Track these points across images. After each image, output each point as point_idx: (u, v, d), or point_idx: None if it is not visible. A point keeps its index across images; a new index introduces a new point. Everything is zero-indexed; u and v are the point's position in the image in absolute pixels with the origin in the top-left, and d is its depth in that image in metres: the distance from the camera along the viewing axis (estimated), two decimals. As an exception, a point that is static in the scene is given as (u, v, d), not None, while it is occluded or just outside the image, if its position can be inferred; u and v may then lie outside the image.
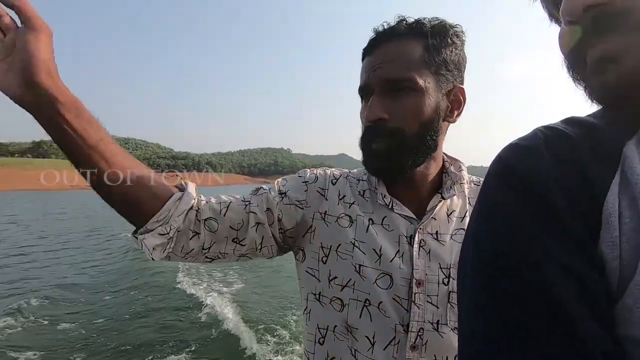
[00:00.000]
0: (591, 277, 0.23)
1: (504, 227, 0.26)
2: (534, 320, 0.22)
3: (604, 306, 0.22)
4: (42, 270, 7.47)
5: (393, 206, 0.63)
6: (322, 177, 0.69)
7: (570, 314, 0.22)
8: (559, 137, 0.28)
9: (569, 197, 0.25)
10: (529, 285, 0.23)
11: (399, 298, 0.58)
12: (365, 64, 0.61)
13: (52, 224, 15.64)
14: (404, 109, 0.58)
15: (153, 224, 0.56)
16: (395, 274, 0.59)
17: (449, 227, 0.63)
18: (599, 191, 0.24)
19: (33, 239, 11.26)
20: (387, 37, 0.59)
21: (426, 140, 0.60)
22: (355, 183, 0.68)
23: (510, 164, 0.28)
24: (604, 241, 0.23)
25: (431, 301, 0.58)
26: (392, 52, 0.58)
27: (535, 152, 0.27)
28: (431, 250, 0.60)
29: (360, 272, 0.60)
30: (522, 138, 0.29)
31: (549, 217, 0.24)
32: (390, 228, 0.62)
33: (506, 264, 0.24)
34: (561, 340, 0.21)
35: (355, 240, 0.62)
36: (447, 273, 0.60)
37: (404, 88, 0.57)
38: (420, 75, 0.57)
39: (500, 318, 0.23)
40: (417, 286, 0.58)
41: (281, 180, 0.69)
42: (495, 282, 0.25)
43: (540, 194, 0.25)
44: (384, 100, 0.58)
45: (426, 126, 0.59)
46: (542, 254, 0.23)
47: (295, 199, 0.65)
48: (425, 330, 0.58)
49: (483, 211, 0.28)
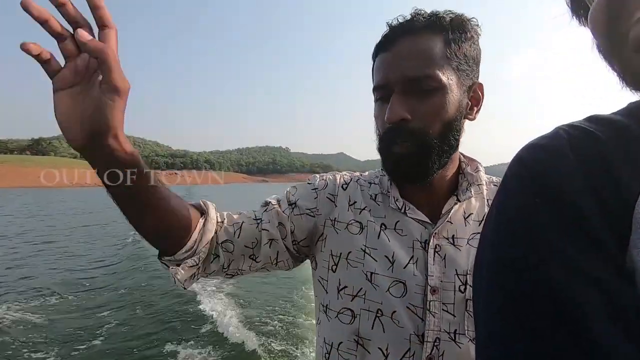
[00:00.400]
0: (618, 285, 0.22)
1: (522, 230, 0.25)
2: (555, 332, 0.21)
3: (632, 317, 0.21)
4: (43, 266, 7.44)
5: (406, 210, 0.61)
6: (332, 182, 0.67)
7: (592, 325, 0.21)
8: (585, 136, 0.26)
9: (596, 201, 0.23)
10: (550, 295, 0.22)
11: (413, 307, 0.56)
12: (382, 61, 0.57)
13: (54, 219, 15.57)
14: (428, 109, 0.54)
15: (182, 254, 0.55)
16: (409, 282, 0.57)
17: (466, 231, 0.60)
18: (630, 194, 0.23)
19: (34, 236, 11.21)
20: (405, 32, 0.55)
21: (450, 140, 0.57)
22: (366, 187, 0.66)
23: (530, 165, 0.26)
24: (635, 246, 0.22)
25: (447, 309, 0.55)
26: (412, 48, 0.55)
27: (559, 153, 0.25)
28: (447, 255, 0.58)
29: (372, 281, 0.58)
30: (543, 137, 0.27)
31: (571, 222, 0.23)
32: (404, 233, 0.60)
33: (524, 267, 0.24)
34: (581, 348, 0.20)
35: (366, 246, 0.60)
36: (464, 280, 0.56)
37: (426, 86, 0.54)
38: (443, 71, 0.54)
39: (518, 321, 0.23)
40: (432, 294, 0.56)
41: (291, 189, 0.68)
42: (513, 285, 0.24)
43: (563, 197, 0.24)
44: (406, 100, 0.54)
45: (450, 126, 0.56)
46: (566, 264, 0.22)
47: (306, 207, 0.64)
48: (442, 340, 0.55)
49: (501, 214, 0.27)
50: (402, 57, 0.55)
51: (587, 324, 0.21)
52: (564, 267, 0.22)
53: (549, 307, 0.22)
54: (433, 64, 0.54)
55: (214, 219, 0.59)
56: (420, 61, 0.54)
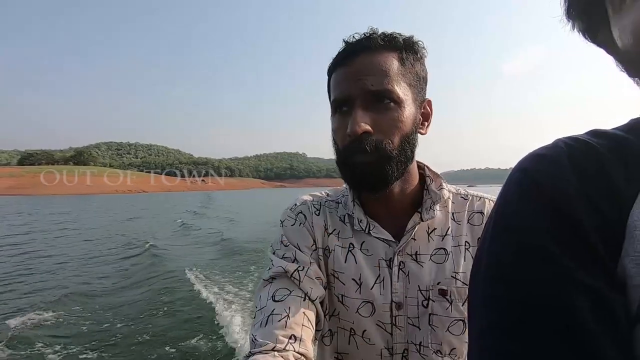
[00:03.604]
0: (609, 294, 0.22)
1: (517, 237, 0.25)
2: (548, 340, 0.21)
3: (623, 325, 0.21)
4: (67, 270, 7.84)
5: (370, 230, 0.62)
6: (307, 212, 0.66)
7: (587, 337, 0.21)
8: (583, 147, 0.26)
9: (591, 209, 0.23)
10: (542, 302, 0.22)
11: (382, 323, 0.59)
12: (341, 75, 0.59)
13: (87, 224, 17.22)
14: (388, 122, 0.56)
15: None
16: (376, 301, 0.59)
17: (429, 247, 0.62)
18: (626, 203, 0.23)
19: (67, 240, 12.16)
20: (364, 48, 0.57)
21: (407, 152, 0.59)
22: (334, 208, 0.68)
23: (528, 173, 0.27)
24: (628, 255, 0.22)
25: (412, 323, 0.59)
26: (372, 64, 0.56)
27: (557, 162, 0.26)
28: (410, 272, 0.60)
29: (343, 302, 0.61)
30: (544, 147, 0.28)
31: (565, 229, 0.23)
32: (370, 252, 0.62)
33: (520, 278, 0.24)
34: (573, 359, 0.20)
35: (334, 271, 0.62)
36: (427, 295, 0.59)
37: (386, 100, 0.56)
38: (400, 87, 0.57)
39: (509, 326, 0.23)
40: (396, 309, 0.59)
41: (280, 244, 0.62)
42: (506, 291, 0.24)
43: (558, 205, 0.24)
44: (367, 113, 0.56)
45: (407, 138, 0.58)
46: (558, 271, 0.22)
47: (305, 246, 0.62)
48: (410, 351, 0.59)
49: (498, 220, 0.27)
50: (363, 72, 0.56)
51: (578, 332, 0.21)
52: (556, 274, 0.22)
53: (540, 312, 0.22)
54: (391, 79, 0.56)
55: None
56: (380, 76, 0.56)
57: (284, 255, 0.60)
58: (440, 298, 0.59)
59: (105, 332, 4.60)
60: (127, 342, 4.30)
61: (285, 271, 0.57)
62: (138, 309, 5.35)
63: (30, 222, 18.76)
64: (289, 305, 0.53)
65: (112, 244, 11.46)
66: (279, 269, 0.57)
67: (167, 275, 7.20)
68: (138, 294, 6.16)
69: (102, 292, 6.32)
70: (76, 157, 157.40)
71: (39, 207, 32.53)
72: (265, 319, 0.51)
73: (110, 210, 28.87)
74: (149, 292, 6.21)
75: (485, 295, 0.25)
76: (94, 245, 11.45)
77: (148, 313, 5.17)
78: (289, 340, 0.49)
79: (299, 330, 0.50)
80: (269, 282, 0.57)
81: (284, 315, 0.51)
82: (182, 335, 4.40)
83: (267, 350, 0.46)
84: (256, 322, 0.52)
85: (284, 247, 0.62)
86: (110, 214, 25.64)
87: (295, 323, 0.51)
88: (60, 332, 4.61)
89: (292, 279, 0.56)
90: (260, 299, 0.55)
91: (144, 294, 6.08)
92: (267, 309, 0.53)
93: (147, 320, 4.94)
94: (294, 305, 0.53)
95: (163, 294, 6.00)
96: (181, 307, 5.34)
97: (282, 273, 0.57)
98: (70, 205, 35.94)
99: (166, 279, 6.95)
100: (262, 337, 0.48)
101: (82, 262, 8.91)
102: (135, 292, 6.30)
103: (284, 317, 0.51)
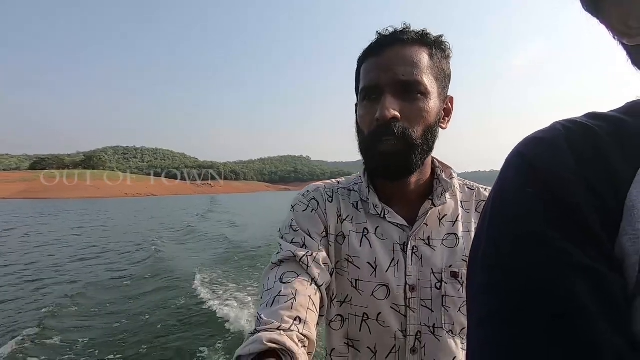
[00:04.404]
0: (608, 274, 0.22)
1: (514, 220, 0.25)
2: (548, 326, 0.21)
3: (622, 305, 0.21)
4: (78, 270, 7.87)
5: (385, 215, 0.65)
6: (320, 198, 0.68)
7: (587, 320, 0.21)
8: (581, 129, 0.26)
9: (588, 191, 0.24)
10: (541, 287, 0.22)
11: (396, 306, 0.61)
12: (373, 64, 0.61)
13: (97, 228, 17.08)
14: (414, 111, 0.59)
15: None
16: (391, 284, 0.61)
17: (441, 232, 0.64)
18: (623, 184, 0.23)
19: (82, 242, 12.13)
20: (396, 40, 0.60)
21: (429, 142, 0.62)
22: (346, 195, 0.70)
23: (525, 156, 0.27)
24: (625, 234, 0.22)
25: (426, 305, 0.61)
26: (404, 55, 0.59)
27: (554, 145, 0.26)
28: (423, 256, 0.62)
29: (356, 287, 0.62)
30: (541, 131, 0.28)
31: (562, 211, 0.24)
32: (384, 237, 0.64)
33: (518, 265, 0.24)
34: (573, 346, 0.20)
35: (348, 256, 0.64)
36: (440, 277, 0.62)
37: (414, 91, 0.59)
38: (428, 80, 0.59)
39: (511, 323, 0.23)
40: (410, 291, 0.61)
41: (289, 235, 0.63)
42: (503, 275, 0.24)
43: (555, 187, 0.24)
44: (396, 100, 0.59)
45: (430, 129, 0.61)
46: (556, 256, 0.22)
47: (315, 232, 0.64)
48: (423, 333, 0.60)
49: (495, 203, 0.27)
50: (394, 62, 0.59)
51: (577, 314, 0.21)
52: (554, 259, 0.22)
53: (538, 296, 0.22)
54: (421, 71, 0.59)
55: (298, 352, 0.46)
56: (411, 68, 0.59)
57: (292, 240, 0.62)
58: (452, 280, 0.62)
59: (122, 332, 4.61)
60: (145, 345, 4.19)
61: (294, 255, 0.58)
62: (147, 311, 5.36)
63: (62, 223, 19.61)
64: (295, 288, 0.54)
65: (127, 244, 11.91)
66: (288, 253, 0.59)
67: (178, 276, 7.22)
68: (146, 295, 6.15)
69: (118, 289, 6.45)
70: (86, 162, 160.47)
71: (61, 209, 33.17)
72: (271, 300, 0.52)
73: (124, 213, 29.44)
74: (157, 293, 6.20)
75: (484, 283, 0.25)
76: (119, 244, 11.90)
77: (158, 314, 5.18)
78: (294, 321, 0.49)
79: (304, 312, 0.51)
80: (277, 265, 0.59)
81: (291, 298, 0.52)
82: (191, 342, 4.28)
83: (272, 329, 0.47)
84: (262, 302, 0.54)
85: (293, 232, 0.63)
86: (129, 216, 26.25)
87: (301, 305, 0.52)
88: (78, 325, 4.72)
89: (300, 263, 0.58)
90: (268, 280, 0.57)
91: (152, 297, 6.04)
92: (274, 290, 0.54)
93: (156, 321, 4.92)
94: (300, 288, 0.54)
95: (172, 297, 5.93)
96: (189, 312, 5.29)
97: (291, 257, 0.59)
98: (87, 207, 36.88)
99: (175, 279, 6.96)
100: (268, 316, 0.50)
101: (116, 256, 9.64)
102: (144, 292, 6.28)
103: (290, 299, 0.52)
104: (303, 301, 0.53)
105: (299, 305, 0.52)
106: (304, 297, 0.53)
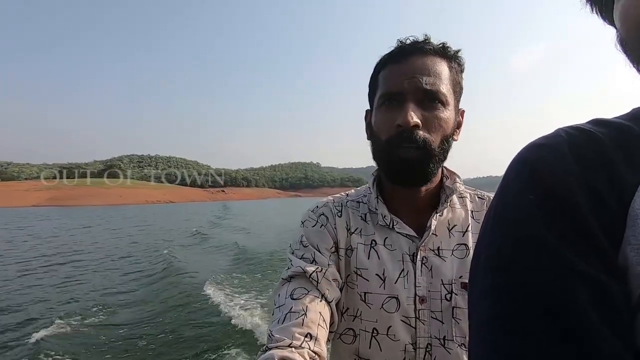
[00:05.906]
0: (609, 282, 0.21)
1: (515, 226, 0.25)
2: (548, 332, 0.21)
3: (625, 316, 0.21)
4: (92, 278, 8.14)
5: (394, 225, 0.65)
6: (329, 214, 0.68)
7: (588, 327, 0.20)
8: (584, 136, 0.26)
9: (591, 198, 0.23)
10: (541, 291, 0.22)
11: (406, 318, 0.60)
12: (394, 71, 0.62)
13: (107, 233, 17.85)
14: (435, 120, 0.60)
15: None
16: (401, 295, 0.60)
17: (450, 243, 0.64)
18: (627, 191, 0.23)
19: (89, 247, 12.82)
20: (418, 50, 0.61)
21: (445, 152, 0.62)
22: (355, 208, 0.70)
23: (530, 163, 0.26)
24: (629, 243, 0.22)
25: (436, 317, 0.60)
26: (427, 65, 0.60)
27: (557, 151, 0.26)
28: (433, 266, 0.62)
29: (366, 300, 0.62)
30: (544, 137, 0.28)
31: (564, 218, 0.23)
32: (393, 247, 0.64)
33: (519, 270, 0.23)
34: (574, 351, 0.20)
35: (357, 268, 0.63)
36: (450, 289, 0.60)
37: (435, 100, 0.60)
38: (448, 91, 0.61)
39: (508, 315, 0.23)
40: (420, 303, 0.60)
41: (299, 251, 0.64)
42: (504, 280, 0.24)
43: (561, 196, 0.24)
44: (418, 108, 0.59)
45: (445, 139, 0.62)
46: (558, 262, 0.22)
47: (325, 248, 0.64)
48: (433, 346, 0.59)
49: (500, 212, 0.27)
50: (418, 71, 0.60)
51: (576, 320, 0.21)
52: (556, 265, 0.22)
53: (539, 302, 0.22)
54: (443, 82, 0.61)
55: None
56: (434, 78, 0.60)
57: (302, 256, 0.63)
58: (463, 291, 0.61)
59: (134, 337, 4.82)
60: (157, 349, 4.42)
61: (304, 271, 0.59)
62: (160, 316, 5.59)
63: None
64: (306, 305, 0.54)
65: (140, 251, 12.60)
66: (298, 269, 0.60)
67: (192, 281, 7.49)
68: (159, 302, 6.35)
69: (128, 296, 6.78)
70: (106, 170, 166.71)
71: (93, 216, 34.77)
72: (283, 317, 0.53)
73: (141, 218, 30.98)
74: (170, 300, 6.36)
75: (485, 288, 0.25)
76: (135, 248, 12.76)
77: (170, 321, 5.36)
78: (305, 338, 0.50)
79: (315, 329, 0.52)
80: (288, 281, 0.60)
81: (302, 314, 0.53)
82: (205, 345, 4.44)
83: (284, 346, 0.47)
84: (274, 319, 0.55)
85: (303, 248, 0.64)
86: (148, 222, 27.65)
87: (311, 322, 0.52)
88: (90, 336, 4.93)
89: (310, 279, 0.58)
90: (279, 297, 0.58)
91: (165, 303, 6.23)
92: (285, 307, 0.55)
93: (169, 327, 5.10)
94: (311, 304, 0.54)
95: (182, 304, 6.08)
96: (203, 316, 5.46)
97: (301, 273, 0.59)
98: (113, 214, 38.47)
99: (188, 285, 7.24)
100: (279, 333, 0.50)
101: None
102: (156, 299, 6.52)
103: (301, 316, 0.52)
104: (314, 317, 0.53)
105: (310, 321, 0.52)
106: (314, 313, 0.54)
